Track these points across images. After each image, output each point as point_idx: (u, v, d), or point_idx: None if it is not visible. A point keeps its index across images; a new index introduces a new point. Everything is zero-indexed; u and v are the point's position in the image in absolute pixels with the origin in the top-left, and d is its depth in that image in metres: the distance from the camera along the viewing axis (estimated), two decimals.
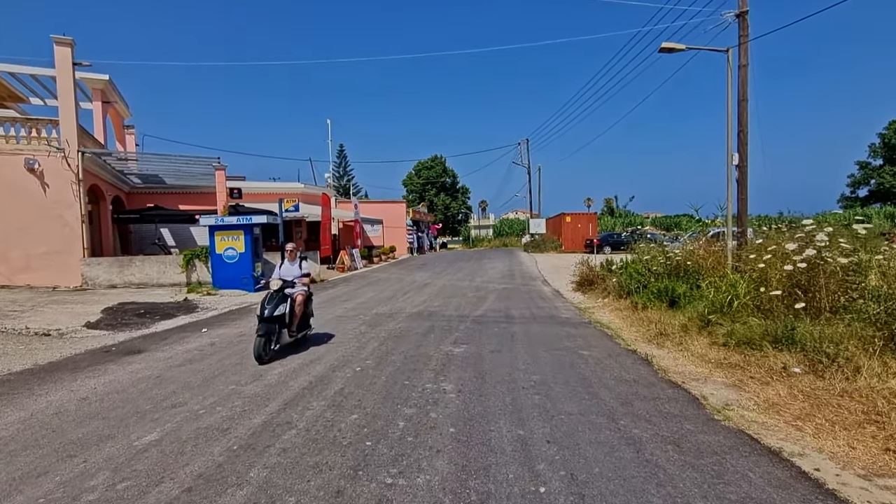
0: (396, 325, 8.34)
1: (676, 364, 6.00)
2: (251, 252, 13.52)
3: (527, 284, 14.60)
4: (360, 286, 14.87)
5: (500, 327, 8.15)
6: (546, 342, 7.05)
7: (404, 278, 17.02)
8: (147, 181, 20.50)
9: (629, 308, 9.60)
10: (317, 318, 8.96)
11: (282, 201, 15.27)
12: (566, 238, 32.09)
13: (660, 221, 63.87)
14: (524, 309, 10.11)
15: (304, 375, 5.39)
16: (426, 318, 9.10)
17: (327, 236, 20.28)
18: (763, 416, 4.27)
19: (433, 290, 13.52)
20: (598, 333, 7.75)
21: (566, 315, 9.44)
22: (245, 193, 21.73)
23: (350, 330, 8.02)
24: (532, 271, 18.97)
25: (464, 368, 5.62)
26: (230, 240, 13.48)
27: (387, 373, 5.46)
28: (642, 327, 8.08)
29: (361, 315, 9.50)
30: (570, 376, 5.35)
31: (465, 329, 7.99)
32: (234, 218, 13.44)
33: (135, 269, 14.02)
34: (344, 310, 10.25)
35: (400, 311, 9.99)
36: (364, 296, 12.54)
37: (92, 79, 16.70)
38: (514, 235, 60.00)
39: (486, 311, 9.79)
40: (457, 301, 11.27)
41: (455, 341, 7.08)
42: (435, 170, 68.99)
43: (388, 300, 11.64)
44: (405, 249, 32.41)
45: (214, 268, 13.56)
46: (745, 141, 8.63)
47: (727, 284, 7.13)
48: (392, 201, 33.29)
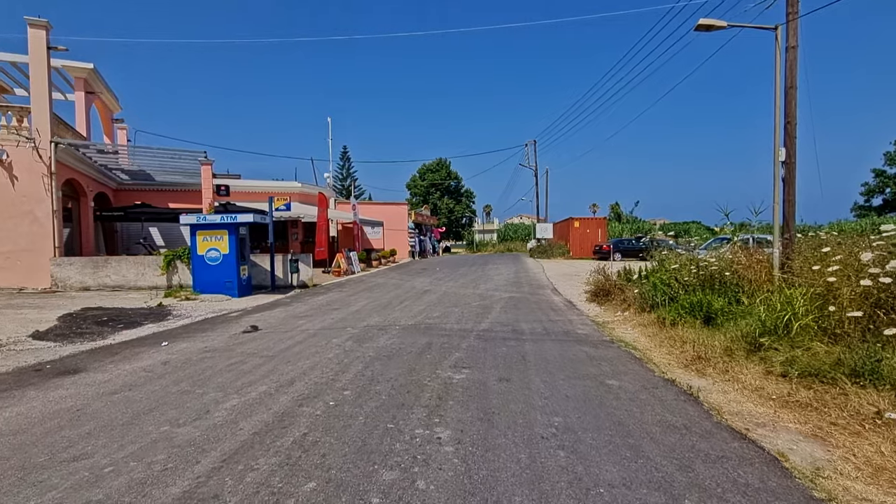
0: (388, 342, 7.18)
1: (729, 401, 4.83)
2: (236, 254, 12.41)
3: (535, 293, 13.41)
4: (354, 292, 13.73)
5: (508, 345, 6.97)
6: (564, 366, 5.87)
7: (403, 284, 15.87)
8: (136, 178, 19.50)
9: (655, 324, 8.41)
10: (299, 332, 7.85)
11: (272, 199, 14.18)
12: (574, 244, 30.88)
13: (668, 227, 62.60)
14: (535, 322, 8.93)
15: (262, 412, 4.24)
16: (423, 332, 7.94)
17: (323, 238, 19.18)
18: (874, 488, 3.09)
19: (433, 298, 12.36)
20: (623, 356, 6.56)
21: (583, 331, 8.26)
22: (238, 192, 20.71)
23: (333, 346, 6.86)
24: (540, 279, 17.78)
25: (465, 404, 4.46)
26: (213, 240, 12.38)
27: (367, 409, 4.30)
28: (674, 349, 6.90)
29: (350, 327, 8.35)
30: (601, 418, 4.17)
31: (467, 347, 6.83)
32: (218, 217, 12.35)
33: (110, 270, 12.94)
34: (332, 320, 9.10)
35: (394, 322, 8.84)
36: (357, 304, 11.39)
37: (75, 67, 15.70)
38: (519, 240, 58.89)
39: (492, 325, 8.62)
40: (459, 312, 10.11)
41: (455, 364, 5.91)
42: (440, 173, 68.04)
43: (383, 309, 10.48)
44: (406, 253, 31.27)
45: (195, 270, 12.46)
46: (794, 134, 7.49)
47: (782, 301, 5.95)
48: (394, 203, 32.18)
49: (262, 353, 6.45)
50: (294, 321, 9.01)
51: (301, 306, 11.03)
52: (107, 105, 18.89)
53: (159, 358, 6.28)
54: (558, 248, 31.70)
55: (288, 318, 9.45)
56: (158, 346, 7.03)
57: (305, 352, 6.53)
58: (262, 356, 6.32)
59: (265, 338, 7.52)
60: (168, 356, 6.37)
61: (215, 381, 5.22)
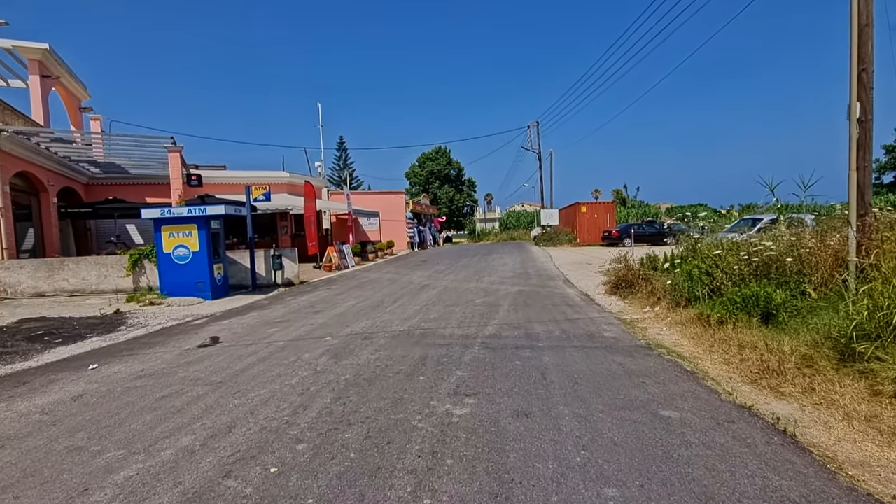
0: (372, 356, 5.76)
1: (839, 439, 3.43)
2: (207, 251, 10.99)
3: (546, 286, 11.97)
4: (343, 290, 12.32)
5: (522, 357, 5.56)
6: (599, 388, 4.45)
7: (399, 279, 14.45)
8: (109, 171, 18.04)
9: (696, 322, 6.98)
10: (265, 344, 6.43)
11: (249, 189, 12.71)
12: (581, 230, 29.38)
13: (675, 211, 60.97)
14: (551, 323, 7.51)
15: (163, 492, 2.83)
16: (417, 340, 6.52)
17: (313, 231, 17.74)
18: None
19: (431, 294, 10.94)
20: (670, 368, 5.14)
21: (611, 333, 6.83)
22: (223, 184, 19.25)
23: (303, 366, 5.45)
24: (549, 268, 16.33)
25: (470, 466, 3.04)
26: (181, 236, 10.95)
27: (323, 482, 2.88)
28: (730, 355, 5.49)
29: (330, 336, 6.94)
30: (674, 487, 2.75)
31: (471, 362, 5.41)
32: (185, 209, 10.90)
33: (67, 272, 11.54)
34: (310, 327, 7.69)
35: (384, 328, 7.42)
36: (344, 304, 9.98)
37: (27, 48, 14.17)
38: (522, 228, 57.41)
39: (500, 328, 7.20)
40: (460, 311, 8.68)
41: (456, 389, 4.49)
42: (439, 161, 66.36)
43: (373, 310, 9.07)
44: (405, 244, 29.82)
45: (162, 271, 11.04)
46: (870, 84, 6.03)
47: (889, 294, 4.50)
48: (390, 192, 30.63)
49: (208, 379, 5.05)
50: (264, 330, 7.61)
51: (279, 309, 9.62)
52: (72, 92, 17.37)
53: (74, 390, 4.87)
54: (564, 234, 30.21)
55: (259, 325, 8.05)
56: (85, 369, 5.63)
57: (264, 375, 5.12)
58: (207, 383, 4.91)
59: (222, 354, 6.12)
60: (87, 386, 4.97)
61: (127, 427, 3.81)
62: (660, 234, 27.24)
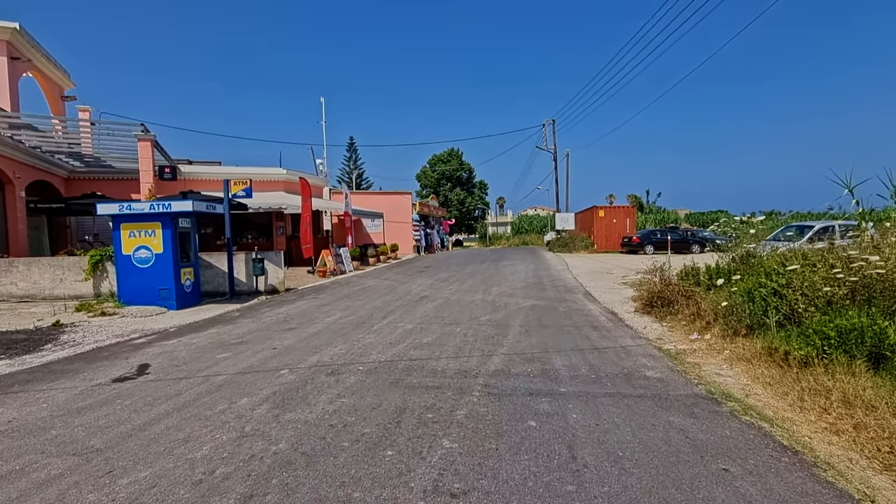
0: (329, 406, 4.18)
1: None
2: (173, 253, 9.54)
3: (564, 300, 10.31)
4: (331, 300, 10.79)
5: (539, 413, 3.94)
6: (662, 484, 2.82)
7: (397, 287, 12.88)
8: (91, 165, 16.77)
9: (767, 359, 5.30)
10: (200, 379, 4.78)
11: (227, 183, 11.26)
12: (599, 235, 27.56)
13: (694, 217, 58.71)
14: (574, 354, 5.86)
15: None
16: (398, 378, 4.93)
17: (308, 232, 16.27)
18: None
19: (429, 309, 9.35)
20: (756, 440, 3.49)
21: (656, 372, 5.17)
22: (211, 180, 17.91)
23: (227, 422, 3.88)
24: (565, 278, 14.64)
25: None
26: (143, 235, 9.52)
27: None
28: (835, 417, 3.85)
29: (287, 368, 5.38)
30: None
31: (465, 420, 3.81)
32: (147, 204, 9.46)
33: (17, 275, 10.17)
34: (270, 353, 6.14)
35: (361, 356, 5.85)
36: (324, 319, 8.43)
37: None
38: (535, 233, 55.62)
39: (509, 360, 5.58)
40: (461, 333, 7.08)
41: (437, 482, 2.89)
42: (451, 163, 64.90)
43: (355, 329, 7.51)
44: (410, 248, 28.26)
45: (120, 275, 9.61)
46: None
47: None
48: (396, 192, 29.10)
49: (84, 444, 3.51)
50: (213, 354, 6.08)
51: (246, 325, 8.10)
52: (50, 79, 16.15)
53: None
54: (581, 240, 28.39)
55: (211, 347, 6.52)
56: None
57: (167, 438, 3.57)
58: (76, 452, 3.37)
59: (135, 395, 4.59)
60: None
61: None
62: (684, 241, 25.35)
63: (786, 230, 13.48)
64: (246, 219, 19.84)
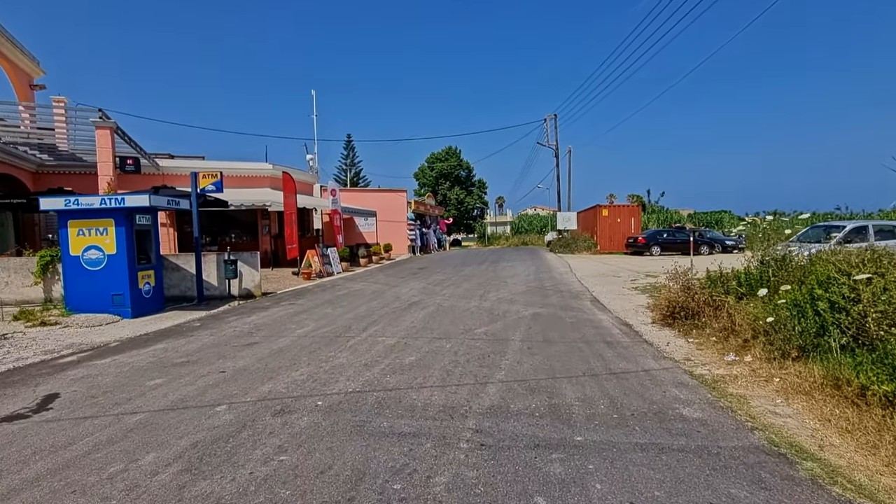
0: (259, 470, 3.06)
1: None
2: (128, 254, 8.42)
3: (570, 307, 9.20)
4: (309, 307, 9.67)
5: (549, 484, 2.83)
6: None
7: (386, 292, 11.77)
8: (62, 159, 15.65)
9: (832, 392, 4.21)
10: (114, 419, 3.62)
11: (195, 176, 10.13)
12: (602, 236, 26.43)
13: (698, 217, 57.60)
14: (588, 381, 4.75)
15: None
16: (363, 422, 3.82)
17: (293, 231, 15.15)
18: None
19: (417, 319, 8.24)
20: None
21: (693, 410, 4.06)
22: None
23: (107, 502, 2.77)
24: (570, 282, 13.53)
25: None
26: (94, 234, 8.40)
27: None
28: None
29: (225, 404, 4.26)
30: None
31: (446, 491, 2.70)
32: (97, 199, 8.33)
33: None
34: (215, 378, 5.03)
35: (324, 385, 4.74)
36: (294, 332, 7.31)
37: None
38: (535, 233, 54.51)
39: (508, 392, 4.46)
40: (451, 351, 5.97)
41: None
42: (449, 161, 63.87)
43: (327, 345, 6.40)
44: (405, 248, 27.10)
45: (67, 279, 8.49)
46: None
47: None
48: (389, 190, 27.91)
49: None
50: (144, 380, 4.96)
51: (202, 338, 6.98)
52: (18, 66, 15.00)
53: None
54: (583, 240, 27.26)
55: (147, 369, 5.41)
56: None
57: None
58: None
59: (13, 444, 3.48)
60: None
61: None
62: (698, 242, 24.23)
63: (810, 231, 12.37)
64: (229, 216, 18.72)
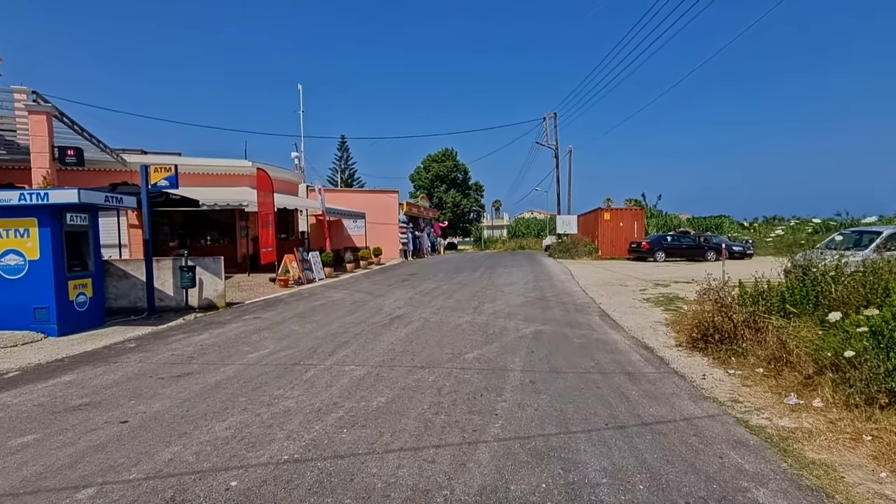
0: None
1: None
2: (54, 259, 7.10)
3: (576, 324, 7.93)
4: (275, 322, 8.36)
5: None
6: None
7: (367, 303, 10.46)
8: (16, 153, 14.28)
9: None
10: None
11: (146, 169, 8.81)
12: (604, 240, 25.21)
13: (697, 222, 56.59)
14: (615, 440, 3.46)
15: None
16: None
17: (269, 234, 13.83)
18: None
19: (398, 338, 6.94)
20: None
21: (772, 497, 2.77)
22: None
23: None
24: (573, 291, 12.26)
25: None
26: (12, 236, 7.08)
27: None
28: None
29: (98, 483, 2.95)
30: None
31: None
32: (16, 194, 7.00)
33: None
34: (107, 434, 3.72)
35: (253, 446, 3.43)
36: (243, 358, 6.00)
37: None
38: (532, 236, 53.36)
39: (507, 458, 3.17)
40: (433, 387, 4.68)
41: None
42: (445, 164, 62.64)
43: (278, 378, 5.09)
44: (397, 252, 25.78)
45: None
46: None
47: None
48: (380, 191, 26.56)
49: None
50: (9, 437, 3.65)
51: (126, 366, 5.66)
52: None
53: None
54: (584, 245, 26.04)
55: (28, 417, 4.09)
56: None
57: None
58: None
59: None
60: None
61: None
62: (698, 247, 23.07)
63: (838, 237, 11.15)
64: (204, 217, 17.40)
